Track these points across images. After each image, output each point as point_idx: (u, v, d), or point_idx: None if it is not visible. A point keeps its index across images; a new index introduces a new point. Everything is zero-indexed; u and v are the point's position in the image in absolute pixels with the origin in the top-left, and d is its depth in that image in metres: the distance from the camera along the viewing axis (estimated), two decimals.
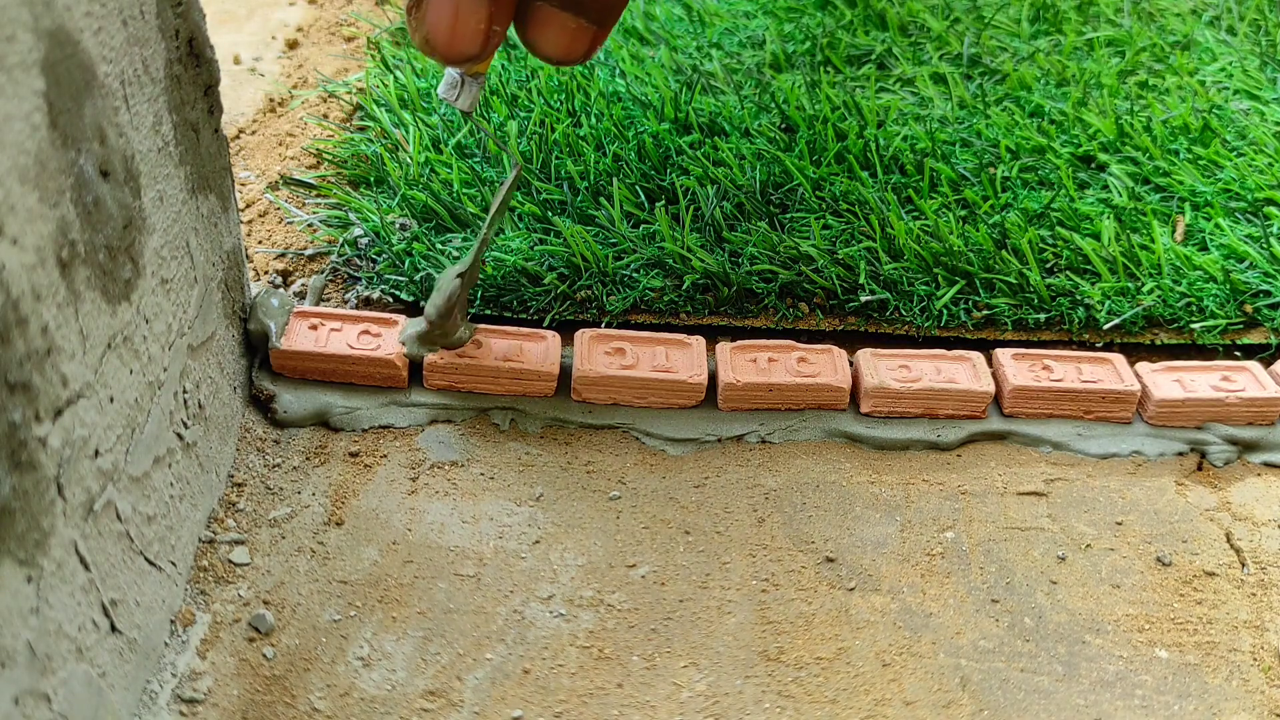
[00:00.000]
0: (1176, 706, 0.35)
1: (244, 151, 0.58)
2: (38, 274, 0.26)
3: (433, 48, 0.33)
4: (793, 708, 0.34)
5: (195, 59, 0.37)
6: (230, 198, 0.41)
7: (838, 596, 0.38)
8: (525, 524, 0.40)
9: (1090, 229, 0.50)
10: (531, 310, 0.47)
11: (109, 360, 0.30)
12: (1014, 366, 0.44)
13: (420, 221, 0.50)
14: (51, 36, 0.27)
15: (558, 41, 0.34)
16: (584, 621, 0.36)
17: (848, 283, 0.47)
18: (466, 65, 0.35)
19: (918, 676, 0.35)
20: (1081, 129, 0.57)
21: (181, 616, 0.35)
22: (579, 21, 0.34)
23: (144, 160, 0.33)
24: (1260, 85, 0.61)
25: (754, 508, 0.41)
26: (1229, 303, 0.47)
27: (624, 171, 0.52)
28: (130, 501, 0.32)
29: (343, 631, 0.36)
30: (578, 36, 0.34)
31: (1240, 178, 0.53)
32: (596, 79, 0.59)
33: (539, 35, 0.34)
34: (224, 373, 0.40)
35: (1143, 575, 0.39)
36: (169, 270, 0.35)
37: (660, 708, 0.34)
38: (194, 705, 0.33)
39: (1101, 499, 0.42)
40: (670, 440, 0.43)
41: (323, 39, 0.69)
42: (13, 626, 0.26)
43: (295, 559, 0.38)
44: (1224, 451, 0.44)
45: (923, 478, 0.42)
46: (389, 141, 0.55)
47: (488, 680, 0.34)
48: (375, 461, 0.42)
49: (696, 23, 0.67)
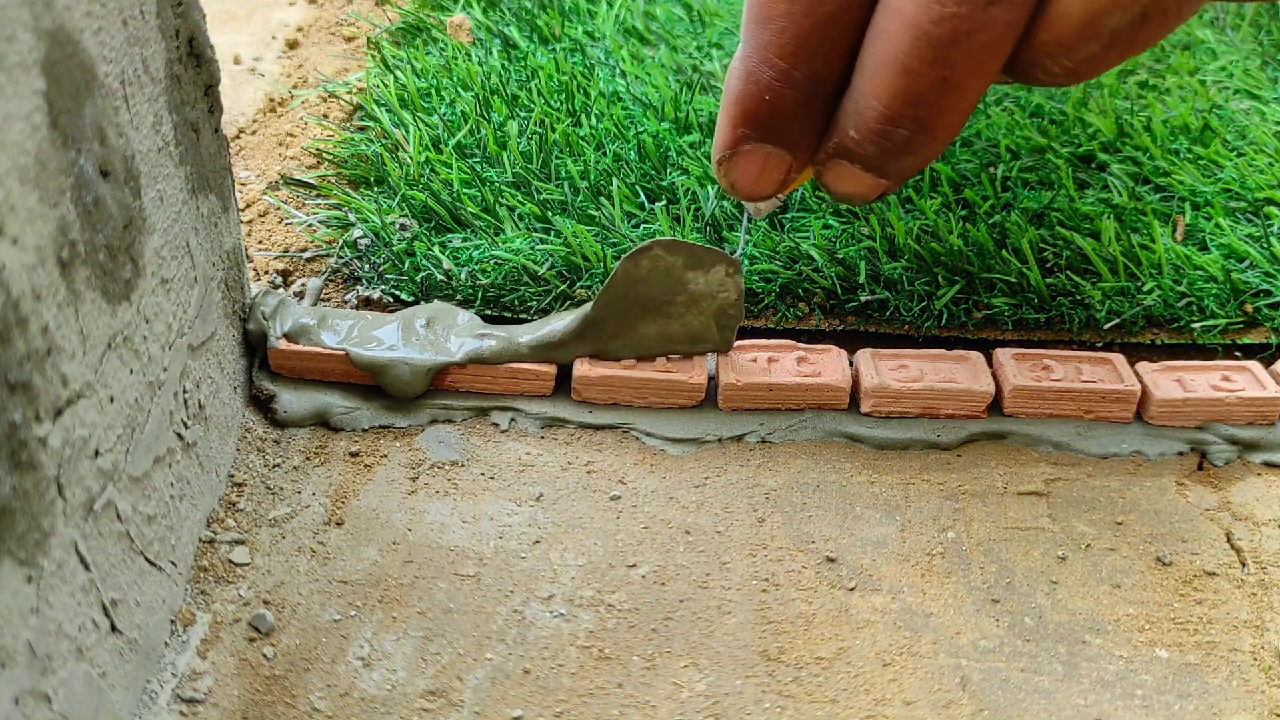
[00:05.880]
0: (1177, 706, 0.35)
1: (244, 151, 0.58)
2: (38, 274, 0.26)
3: (737, 193, 0.38)
4: (793, 707, 0.34)
5: (195, 59, 0.37)
6: (230, 198, 0.41)
7: (838, 596, 0.38)
8: (525, 524, 0.40)
9: (1090, 229, 0.50)
10: (532, 310, 0.47)
11: (109, 360, 0.30)
12: (1014, 366, 0.44)
13: (420, 221, 0.50)
14: (51, 36, 0.27)
15: (852, 192, 0.36)
16: (584, 621, 0.36)
17: (848, 283, 0.47)
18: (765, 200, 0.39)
19: (918, 676, 0.35)
20: (1081, 129, 0.57)
21: (182, 616, 0.35)
22: (877, 180, 0.35)
23: (144, 160, 0.33)
24: (1261, 85, 0.61)
25: (754, 508, 0.41)
26: (1229, 303, 0.47)
27: (624, 171, 0.52)
28: (130, 501, 0.32)
29: (343, 631, 0.36)
30: (873, 189, 0.36)
31: (1240, 178, 0.53)
32: (596, 79, 0.59)
33: (835, 184, 0.36)
34: (224, 373, 0.40)
35: (1143, 575, 0.39)
36: (169, 270, 0.35)
37: (660, 707, 0.34)
38: (194, 705, 0.33)
39: (1102, 499, 0.42)
40: (670, 440, 0.43)
41: (323, 39, 0.69)
42: (13, 626, 0.26)
43: (295, 559, 0.38)
44: (1224, 451, 0.44)
45: (923, 478, 0.42)
46: (389, 141, 0.55)
47: (488, 680, 0.34)
48: (375, 461, 0.42)
49: (696, 23, 0.67)
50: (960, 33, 0.31)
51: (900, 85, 0.32)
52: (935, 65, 0.31)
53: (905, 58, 0.31)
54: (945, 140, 0.34)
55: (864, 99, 0.33)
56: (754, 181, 0.37)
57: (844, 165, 0.35)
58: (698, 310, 0.43)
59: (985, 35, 0.31)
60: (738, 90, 0.35)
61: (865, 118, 0.33)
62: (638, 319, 0.43)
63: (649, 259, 0.42)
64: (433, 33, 0.66)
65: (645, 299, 0.42)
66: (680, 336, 0.44)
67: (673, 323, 0.43)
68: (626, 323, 0.43)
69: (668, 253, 0.42)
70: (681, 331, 0.43)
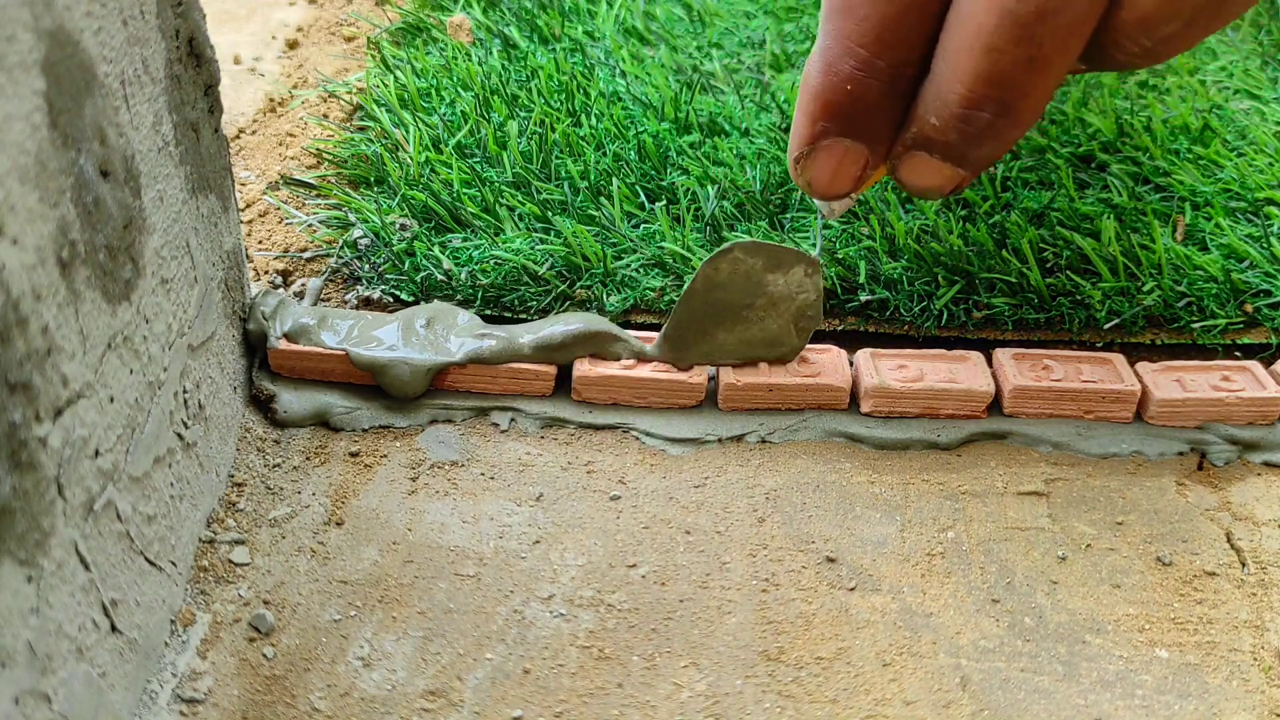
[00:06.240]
0: (1177, 706, 0.35)
1: (244, 151, 0.58)
2: (38, 274, 0.26)
3: (814, 190, 0.37)
4: (793, 707, 0.34)
5: (195, 59, 0.37)
6: (230, 198, 0.41)
7: (838, 596, 0.38)
8: (525, 524, 0.40)
9: (1090, 229, 0.50)
10: (532, 310, 0.47)
11: (109, 360, 0.30)
12: (1014, 366, 0.44)
13: (420, 221, 0.50)
14: (51, 36, 0.27)
15: (929, 184, 0.36)
16: (584, 621, 0.36)
17: (848, 283, 0.47)
18: (839, 199, 0.38)
19: (918, 676, 0.35)
20: (1081, 129, 0.57)
21: (182, 616, 0.35)
22: (955, 170, 0.35)
23: (144, 160, 0.33)
24: (1261, 85, 0.61)
25: (754, 508, 0.41)
26: (1229, 303, 0.47)
27: (624, 171, 0.52)
28: (130, 501, 0.32)
29: (343, 631, 0.36)
30: (950, 181, 0.36)
31: (1240, 178, 0.53)
32: (596, 79, 0.59)
33: (912, 177, 0.36)
34: (224, 373, 0.40)
35: (1143, 575, 0.39)
36: (169, 270, 0.35)
37: (660, 707, 0.34)
38: (194, 705, 0.33)
39: (1102, 499, 0.42)
40: (670, 440, 0.43)
41: (323, 39, 0.69)
42: (13, 626, 0.26)
43: (295, 559, 0.38)
44: (1224, 451, 0.44)
45: (923, 478, 0.42)
46: (389, 141, 0.55)
47: (488, 680, 0.34)
48: (375, 461, 0.42)
49: (696, 23, 0.67)
50: (1046, 10, 0.31)
51: (985, 66, 0.32)
52: (1021, 44, 0.31)
53: (990, 37, 0.31)
54: (1026, 124, 0.33)
55: (946, 83, 0.33)
56: (831, 178, 0.37)
57: (922, 157, 0.35)
58: (776, 313, 0.42)
59: (1070, 12, 0.31)
60: (817, 83, 0.35)
61: (948, 102, 0.33)
62: (716, 326, 0.42)
63: (729, 262, 0.40)
64: (433, 33, 0.66)
65: (725, 304, 0.41)
66: (760, 341, 0.43)
67: (752, 328, 0.42)
68: (705, 330, 0.42)
69: (748, 255, 0.40)
70: (761, 336, 0.42)
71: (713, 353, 0.43)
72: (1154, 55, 0.33)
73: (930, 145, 0.35)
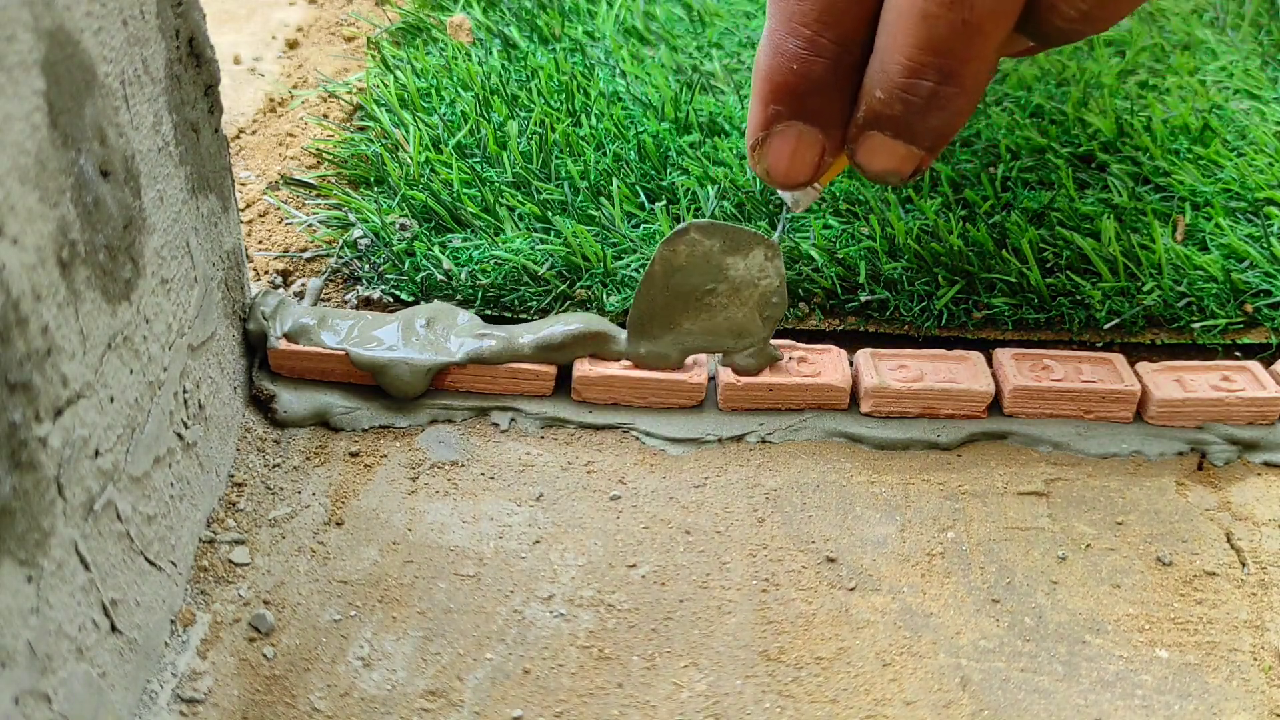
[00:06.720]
0: (1177, 706, 0.35)
1: (244, 151, 0.58)
2: (38, 274, 0.26)
3: (772, 178, 0.37)
4: (793, 708, 0.34)
5: (195, 59, 0.37)
6: (230, 198, 0.41)
7: (838, 596, 0.38)
8: (525, 524, 0.40)
9: (1090, 229, 0.50)
10: (532, 310, 0.47)
11: (109, 360, 0.30)
12: (1014, 366, 0.44)
13: (420, 221, 0.50)
14: (51, 36, 0.27)
15: (886, 165, 0.36)
16: (584, 621, 0.36)
17: (848, 283, 0.47)
18: (801, 189, 0.38)
19: (918, 676, 0.35)
20: (1081, 129, 0.57)
21: (182, 616, 0.35)
22: (909, 149, 0.35)
23: (144, 160, 0.33)
24: (1261, 85, 0.61)
25: (754, 508, 0.41)
26: (1229, 303, 0.47)
27: (624, 171, 0.52)
28: (130, 501, 0.32)
29: (343, 631, 0.36)
30: (906, 161, 0.36)
31: (1240, 178, 0.53)
32: (596, 79, 0.59)
33: (868, 159, 0.36)
34: (224, 373, 0.40)
35: (1143, 575, 0.39)
36: (169, 270, 0.35)
37: (660, 708, 0.34)
38: (194, 705, 0.33)
39: (1102, 499, 0.42)
40: (670, 440, 0.43)
41: (323, 39, 0.69)
42: (13, 626, 0.26)
43: (295, 559, 0.38)
44: (1224, 451, 0.44)
45: (923, 478, 0.42)
46: (389, 141, 0.55)
47: (488, 680, 0.34)
48: (375, 461, 0.42)
49: (696, 23, 0.67)
50: None
51: (921, 32, 0.32)
52: (954, 7, 0.31)
53: (924, 3, 0.32)
54: (971, 93, 0.33)
55: (888, 54, 0.33)
56: (788, 165, 0.37)
57: (876, 137, 0.35)
58: (740, 301, 0.42)
59: None
60: (766, 65, 0.35)
61: (890, 73, 0.33)
62: (680, 313, 0.42)
63: (685, 243, 0.40)
64: (433, 33, 0.66)
65: (686, 290, 0.41)
66: (726, 331, 0.42)
67: (717, 316, 0.42)
68: (670, 318, 0.42)
69: (704, 236, 0.40)
70: (727, 325, 0.42)
71: (679, 342, 0.43)
72: (1092, 21, 0.33)
73: (880, 122, 0.35)
